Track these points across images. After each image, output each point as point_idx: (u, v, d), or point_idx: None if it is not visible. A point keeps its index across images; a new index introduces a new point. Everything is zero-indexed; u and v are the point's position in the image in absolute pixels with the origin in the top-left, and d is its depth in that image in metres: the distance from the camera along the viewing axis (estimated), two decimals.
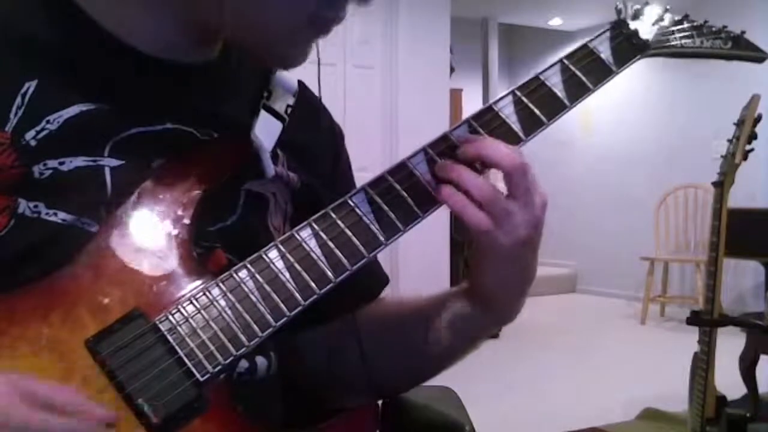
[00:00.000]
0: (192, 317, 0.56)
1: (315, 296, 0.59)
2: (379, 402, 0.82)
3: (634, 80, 5.99)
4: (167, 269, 0.59)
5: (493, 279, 0.67)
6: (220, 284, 0.58)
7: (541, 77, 0.68)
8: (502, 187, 0.63)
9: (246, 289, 0.58)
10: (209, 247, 0.64)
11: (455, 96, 5.40)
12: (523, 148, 0.66)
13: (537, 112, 0.67)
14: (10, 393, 0.48)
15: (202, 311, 0.57)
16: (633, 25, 0.73)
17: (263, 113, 0.71)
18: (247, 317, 0.57)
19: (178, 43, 0.67)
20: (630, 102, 6.17)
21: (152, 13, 0.64)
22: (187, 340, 0.55)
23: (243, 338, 0.56)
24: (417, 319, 0.75)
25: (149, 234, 0.60)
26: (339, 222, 0.61)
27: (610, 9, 0.75)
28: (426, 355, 0.74)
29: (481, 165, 0.63)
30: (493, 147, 0.62)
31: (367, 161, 3.44)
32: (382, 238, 0.61)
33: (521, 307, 0.71)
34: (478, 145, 0.63)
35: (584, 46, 0.71)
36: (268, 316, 0.57)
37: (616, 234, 6.33)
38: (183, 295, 0.57)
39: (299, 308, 0.58)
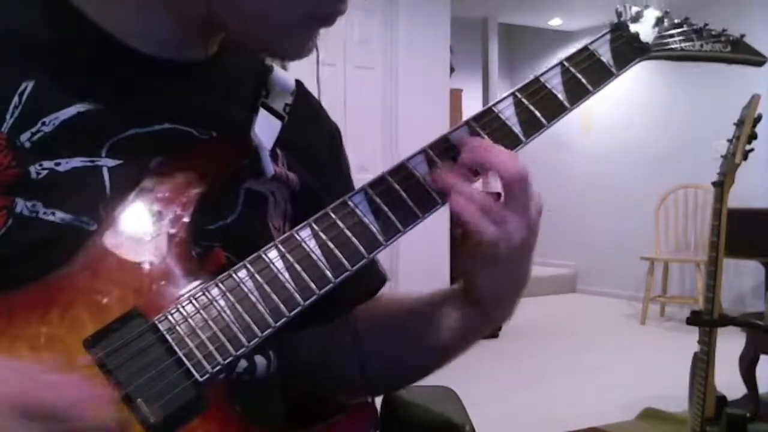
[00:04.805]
0: (191, 317, 0.56)
1: (314, 297, 0.59)
2: (379, 402, 0.82)
3: (634, 81, 5.99)
4: (166, 268, 0.58)
5: (487, 282, 0.67)
6: (220, 284, 0.58)
7: (542, 79, 0.68)
8: (497, 186, 0.63)
9: (245, 289, 0.58)
10: (208, 246, 0.64)
11: (455, 96, 5.39)
12: (522, 149, 0.66)
13: (537, 113, 0.67)
14: (5, 409, 0.48)
15: (201, 311, 0.56)
16: (633, 27, 0.73)
17: (262, 112, 0.71)
18: (247, 317, 0.57)
19: (175, 42, 0.67)
20: (630, 102, 6.17)
21: (148, 12, 0.64)
22: (186, 339, 0.55)
23: (242, 338, 0.56)
24: (414, 317, 0.76)
25: (148, 233, 0.60)
26: (339, 222, 0.61)
27: (610, 9, 0.75)
28: (422, 352, 0.75)
29: (480, 169, 0.63)
30: (494, 154, 0.62)
31: (367, 161, 3.45)
32: (381, 239, 0.61)
33: (515, 309, 0.71)
34: (480, 152, 0.63)
35: (584, 49, 0.71)
36: (268, 317, 0.57)
37: (616, 234, 6.33)
38: (182, 295, 0.57)
39: (299, 309, 0.58)
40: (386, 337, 0.76)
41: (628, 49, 0.72)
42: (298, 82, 0.79)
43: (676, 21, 0.76)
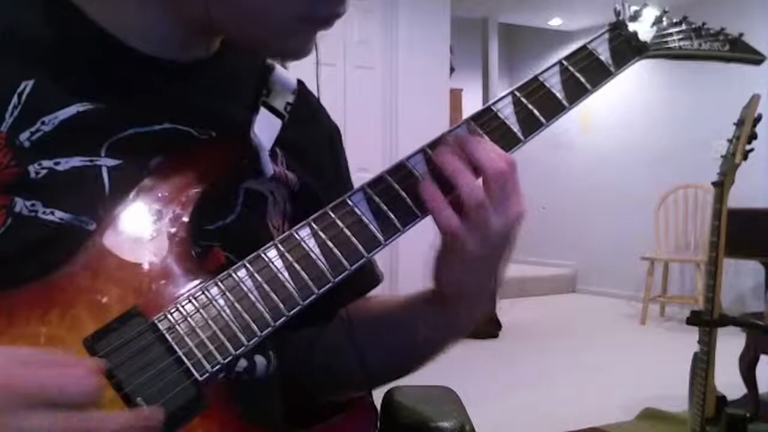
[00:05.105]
0: (191, 316, 0.56)
1: (314, 296, 0.59)
2: (378, 402, 0.82)
3: (634, 81, 5.99)
4: (166, 268, 0.58)
5: (453, 281, 0.66)
6: (219, 283, 0.58)
7: (540, 78, 0.68)
8: None
9: (245, 289, 0.58)
10: (208, 246, 0.64)
11: (455, 96, 5.40)
12: (522, 148, 0.66)
13: (536, 112, 0.67)
14: (7, 358, 0.47)
15: (201, 310, 0.57)
16: (632, 26, 0.73)
17: (263, 111, 0.71)
18: (246, 316, 0.57)
19: (176, 41, 0.67)
20: (630, 102, 6.17)
21: (148, 12, 0.64)
22: (186, 339, 0.55)
23: (242, 337, 0.56)
24: (393, 320, 0.76)
25: (148, 232, 0.60)
26: (338, 221, 0.61)
27: (610, 9, 0.75)
28: (402, 352, 0.75)
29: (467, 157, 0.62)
30: (481, 148, 0.62)
31: (367, 161, 3.45)
32: (381, 238, 0.61)
33: (482, 312, 0.71)
34: (469, 142, 0.62)
35: (583, 48, 0.71)
36: (267, 316, 0.57)
37: (616, 234, 6.33)
38: (182, 294, 0.57)
39: (298, 308, 0.58)
40: (377, 334, 0.76)
41: (627, 47, 0.72)
42: (300, 82, 0.78)
43: (674, 20, 0.76)
